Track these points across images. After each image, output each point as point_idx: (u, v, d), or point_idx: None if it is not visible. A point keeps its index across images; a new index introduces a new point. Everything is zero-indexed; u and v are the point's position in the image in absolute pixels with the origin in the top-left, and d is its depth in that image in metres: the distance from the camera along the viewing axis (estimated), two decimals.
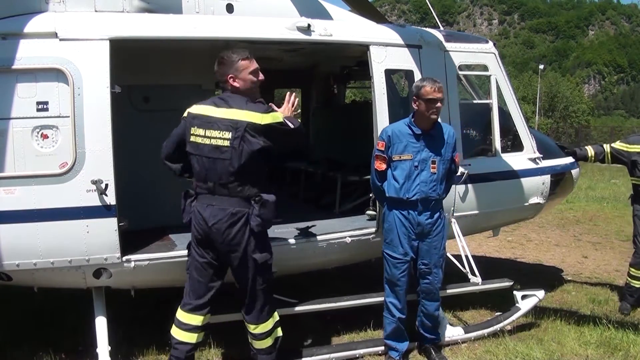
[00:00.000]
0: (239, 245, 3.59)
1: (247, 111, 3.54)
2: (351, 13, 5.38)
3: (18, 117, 3.74)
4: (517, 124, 5.67)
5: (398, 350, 4.43)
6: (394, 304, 4.36)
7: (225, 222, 3.55)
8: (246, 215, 3.58)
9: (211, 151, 3.55)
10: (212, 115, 3.57)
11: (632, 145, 5.98)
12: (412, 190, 4.22)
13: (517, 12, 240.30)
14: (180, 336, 3.74)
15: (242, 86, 3.64)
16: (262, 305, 3.77)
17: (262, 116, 3.55)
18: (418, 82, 4.34)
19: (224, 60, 3.66)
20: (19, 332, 4.86)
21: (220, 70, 3.67)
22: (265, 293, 3.78)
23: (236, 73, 3.62)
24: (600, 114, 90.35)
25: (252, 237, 3.61)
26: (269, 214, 3.62)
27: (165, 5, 4.43)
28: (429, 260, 4.32)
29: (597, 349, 4.76)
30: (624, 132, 35.06)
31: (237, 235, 3.58)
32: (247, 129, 3.51)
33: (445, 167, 4.30)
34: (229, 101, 3.60)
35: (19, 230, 3.78)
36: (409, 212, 4.25)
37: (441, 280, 4.42)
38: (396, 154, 4.25)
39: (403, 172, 4.23)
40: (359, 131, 5.96)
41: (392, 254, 4.33)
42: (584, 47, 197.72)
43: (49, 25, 3.86)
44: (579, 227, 10.79)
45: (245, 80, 3.64)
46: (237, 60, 3.63)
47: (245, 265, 3.66)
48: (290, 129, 3.72)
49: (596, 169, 19.76)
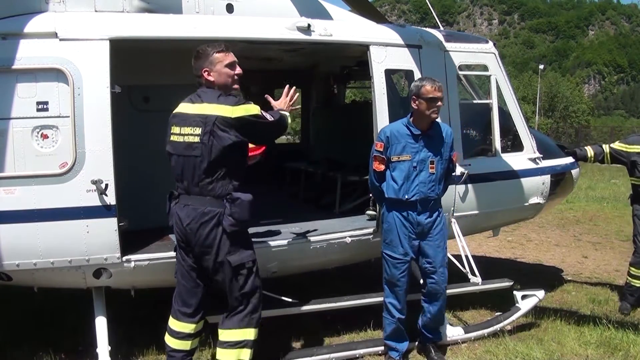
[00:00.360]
0: (211, 247, 3.45)
1: (216, 104, 3.41)
2: (351, 13, 5.38)
3: (18, 117, 3.74)
4: (517, 124, 5.67)
5: (398, 351, 4.42)
6: (394, 304, 4.36)
7: (197, 222, 3.42)
8: (218, 215, 3.42)
9: (185, 149, 3.45)
10: (186, 112, 3.49)
11: (631, 145, 5.98)
12: (411, 191, 4.21)
13: (517, 12, 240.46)
14: (174, 344, 3.68)
15: (217, 80, 3.53)
16: (246, 312, 3.54)
17: (232, 109, 3.40)
18: (417, 81, 4.32)
19: (199, 53, 3.56)
20: (19, 332, 4.86)
21: (195, 64, 3.56)
22: (247, 300, 3.54)
23: (211, 66, 3.52)
24: (600, 114, 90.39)
25: (225, 238, 3.44)
26: (243, 214, 3.43)
27: (165, 5, 4.43)
28: (433, 259, 4.31)
29: (597, 349, 4.75)
30: (624, 132, 35.05)
31: (209, 236, 3.43)
32: (216, 123, 3.36)
33: (444, 167, 4.30)
34: (202, 96, 3.49)
35: (19, 230, 3.78)
36: (409, 213, 4.24)
37: (446, 279, 4.40)
38: (395, 155, 4.24)
39: (402, 173, 4.22)
40: (359, 131, 5.96)
41: (392, 254, 4.32)
42: (584, 47, 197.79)
43: (49, 25, 3.86)
44: (579, 227, 10.79)
45: (220, 74, 3.53)
46: (211, 53, 3.52)
47: (220, 269, 3.50)
48: (268, 122, 3.57)
49: (596, 169, 19.75)
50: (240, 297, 3.53)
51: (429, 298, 4.40)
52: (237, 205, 3.41)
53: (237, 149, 3.46)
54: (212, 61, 3.53)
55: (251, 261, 3.56)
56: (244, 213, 3.43)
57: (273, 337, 4.79)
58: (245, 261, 3.52)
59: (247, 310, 3.55)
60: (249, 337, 3.55)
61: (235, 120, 3.39)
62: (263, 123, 3.55)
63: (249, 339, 3.55)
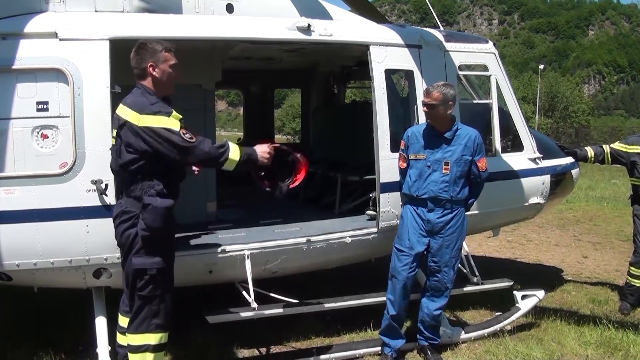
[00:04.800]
0: (124, 247, 3.46)
1: (129, 109, 3.34)
2: (351, 13, 5.38)
3: (18, 117, 3.74)
4: (517, 124, 5.67)
5: (391, 347, 4.46)
6: (390, 298, 4.42)
7: (118, 220, 3.46)
8: (134, 216, 3.39)
9: (111, 149, 3.57)
10: (116, 111, 3.48)
11: (631, 146, 5.98)
12: (422, 188, 4.34)
13: (517, 12, 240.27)
14: (119, 339, 3.77)
15: (160, 77, 3.45)
16: (142, 316, 3.44)
17: (140, 117, 3.29)
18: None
19: (145, 46, 3.45)
20: (19, 332, 4.86)
21: (138, 57, 3.45)
22: (143, 304, 3.44)
23: (157, 62, 3.43)
24: (600, 114, 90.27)
25: (138, 240, 3.38)
26: (153, 220, 3.32)
27: (165, 5, 4.43)
28: (439, 258, 4.37)
29: (597, 349, 4.76)
30: (624, 132, 35.08)
31: (123, 234, 3.43)
32: (124, 128, 3.34)
33: (461, 170, 4.33)
34: (128, 95, 3.45)
35: (19, 230, 3.78)
36: (419, 208, 4.36)
37: (452, 280, 4.44)
38: (412, 154, 4.42)
39: (416, 171, 4.38)
40: (359, 131, 5.95)
41: (399, 247, 4.42)
42: (584, 47, 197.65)
43: (49, 25, 3.86)
44: (579, 227, 10.79)
45: (164, 72, 3.45)
46: (160, 50, 3.44)
47: (127, 267, 3.48)
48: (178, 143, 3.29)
49: (596, 169, 19.76)
50: (137, 299, 3.46)
51: (430, 294, 4.45)
52: (147, 211, 3.34)
53: (151, 156, 3.34)
54: (159, 58, 3.45)
55: (156, 269, 3.41)
56: (155, 220, 3.33)
57: (273, 337, 4.80)
58: (149, 267, 3.40)
59: (143, 314, 3.45)
60: (148, 341, 3.45)
61: (140, 130, 3.29)
62: (172, 142, 3.30)
63: (150, 344, 3.45)
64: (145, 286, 3.43)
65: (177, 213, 3.74)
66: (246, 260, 4.24)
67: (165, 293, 3.50)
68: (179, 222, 3.88)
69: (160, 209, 3.34)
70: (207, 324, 4.19)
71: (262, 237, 4.54)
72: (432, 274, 4.43)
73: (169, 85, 3.52)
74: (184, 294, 4.31)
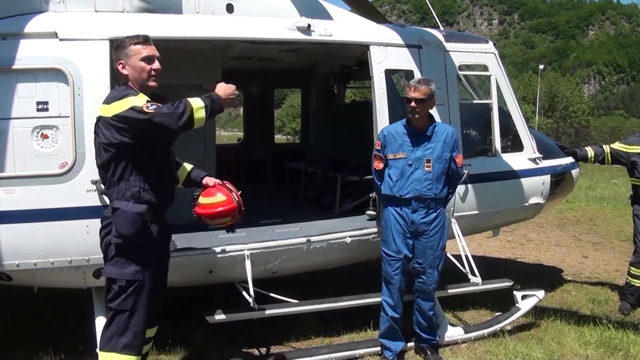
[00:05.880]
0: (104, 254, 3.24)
1: (103, 104, 3.16)
2: (351, 13, 5.38)
3: (18, 117, 3.75)
4: (517, 124, 5.67)
5: (392, 350, 4.44)
6: (388, 302, 4.40)
7: (100, 224, 3.29)
8: (111, 222, 3.16)
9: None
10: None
11: (631, 146, 5.98)
12: (405, 188, 4.26)
13: (517, 12, 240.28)
14: None
15: (131, 74, 3.20)
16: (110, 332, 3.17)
17: (109, 107, 3.06)
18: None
19: (117, 44, 3.26)
20: (19, 332, 4.86)
21: (114, 56, 3.28)
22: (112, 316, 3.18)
23: (126, 59, 3.20)
24: (600, 114, 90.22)
25: (112, 247, 3.15)
26: (122, 226, 3.08)
27: (165, 5, 4.43)
28: (423, 259, 4.34)
29: (597, 349, 4.75)
30: (624, 132, 35.06)
31: (103, 241, 3.23)
32: (99, 124, 3.14)
33: (442, 167, 4.30)
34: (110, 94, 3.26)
35: (19, 230, 3.78)
36: (402, 209, 4.29)
37: (436, 281, 4.42)
38: (391, 153, 4.33)
39: (397, 171, 4.29)
40: (359, 131, 5.95)
41: (386, 251, 4.39)
42: (584, 47, 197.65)
43: (49, 26, 3.86)
44: (579, 227, 10.79)
45: (135, 68, 3.18)
46: (127, 45, 3.18)
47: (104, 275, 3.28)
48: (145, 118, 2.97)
49: (596, 169, 19.74)
50: (107, 310, 3.25)
51: (418, 296, 4.46)
52: (116, 216, 3.12)
53: (127, 152, 3.10)
54: (127, 53, 3.19)
55: (127, 281, 3.13)
56: (125, 226, 3.09)
57: (273, 337, 4.80)
58: (118, 277, 3.14)
59: (111, 330, 3.18)
60: None
61: (113, 119, 3.04)
62: (136, 119, 2.99)
63: None
64: (114, 298, 3.17)
65: (177, 213, 3.75)
66: (246, 260, 4.24)
67: (137, 309, 3.16)
68: (178, 222, 3.89)
69: (130, 214, 3.09)
70: (207, 324, 4.19)
71: (262, 237, 4.54)
72: (417, 276, 4.40)
73: (147, 79, 3.22)
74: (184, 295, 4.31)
